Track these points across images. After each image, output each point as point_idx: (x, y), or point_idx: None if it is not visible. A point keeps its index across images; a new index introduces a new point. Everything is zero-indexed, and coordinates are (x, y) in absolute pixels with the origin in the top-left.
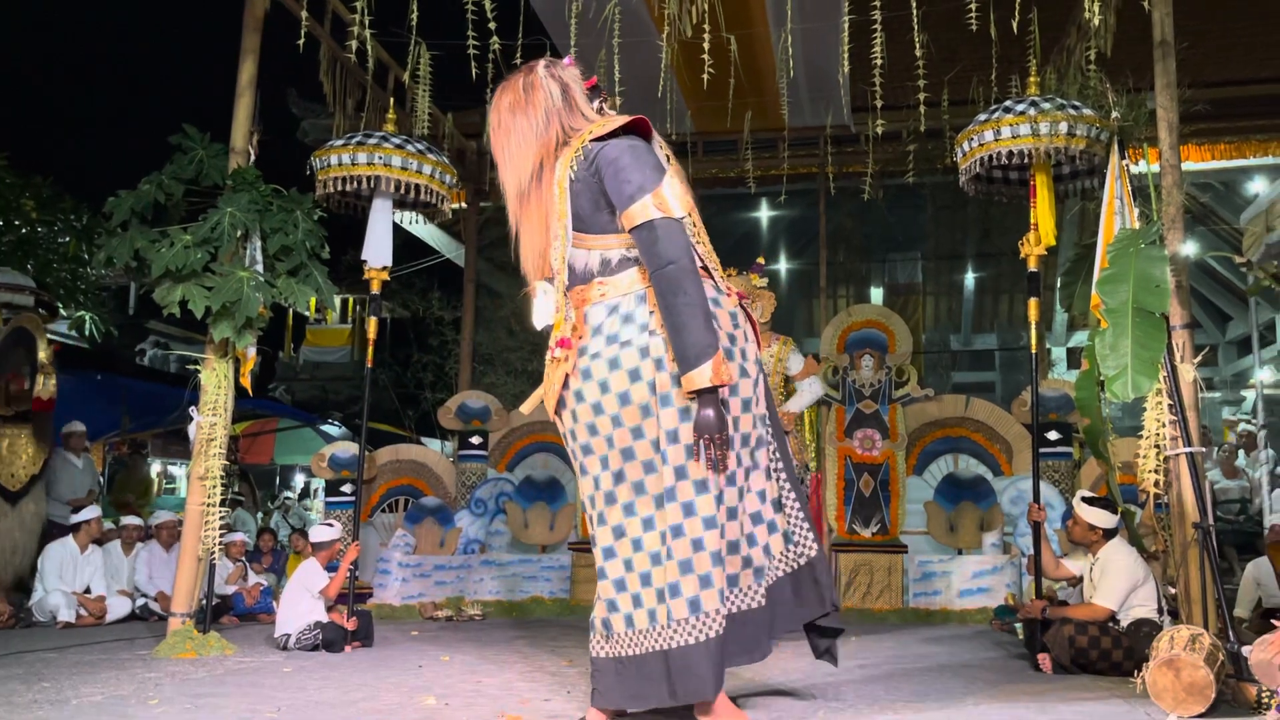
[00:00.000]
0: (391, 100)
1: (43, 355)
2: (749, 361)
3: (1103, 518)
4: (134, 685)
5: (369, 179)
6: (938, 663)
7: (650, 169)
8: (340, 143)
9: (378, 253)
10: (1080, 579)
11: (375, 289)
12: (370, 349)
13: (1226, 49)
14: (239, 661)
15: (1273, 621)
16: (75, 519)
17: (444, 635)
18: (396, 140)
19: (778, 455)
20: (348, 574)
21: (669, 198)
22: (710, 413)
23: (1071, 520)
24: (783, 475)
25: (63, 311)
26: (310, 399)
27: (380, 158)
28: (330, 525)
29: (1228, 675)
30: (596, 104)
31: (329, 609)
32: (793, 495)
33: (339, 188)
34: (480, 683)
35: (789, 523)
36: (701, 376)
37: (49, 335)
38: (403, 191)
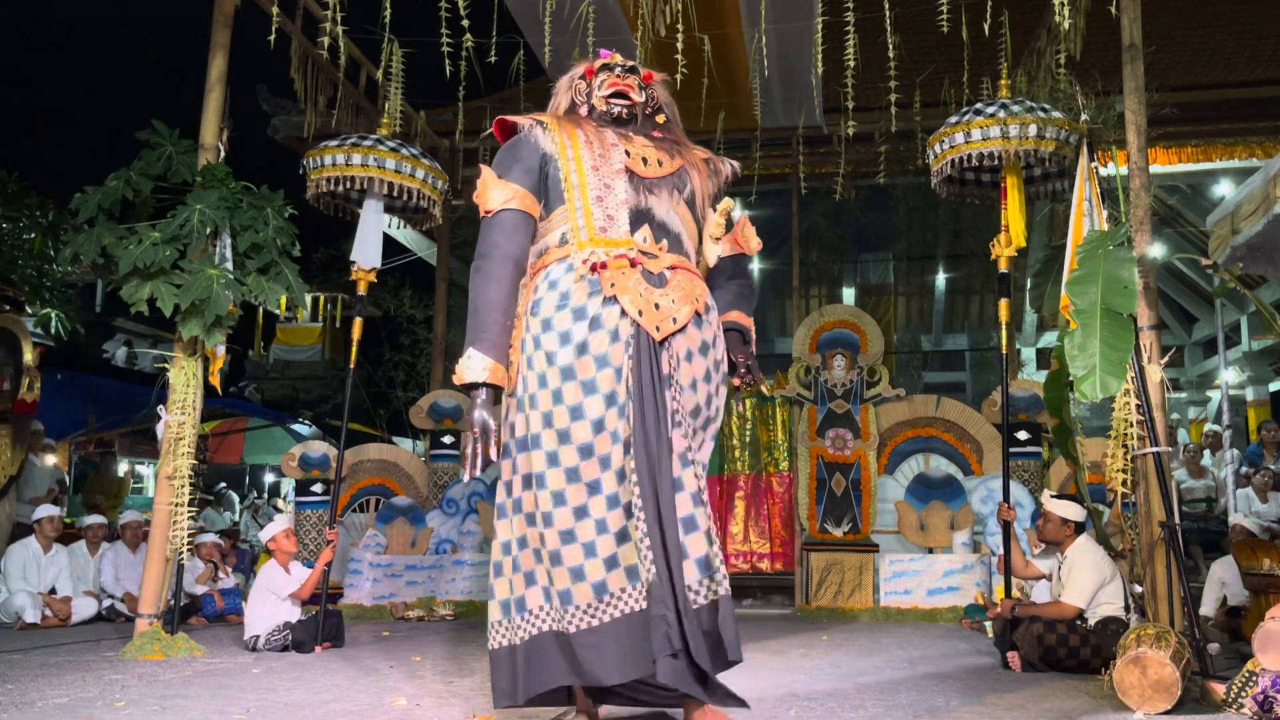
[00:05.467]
0: (394, 106)
1: (28, 357)
2: (584, 356)
3: (1074, 510)
4: (100, 687)
5: (362, 180)
6: (908, 661)
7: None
8: (335, 143)
9: (368, 254)
10: (1045, 577)
11: (362, 290)
12: (354, 349)
13: (1194, 53)
14: (207, 663)
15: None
16: (32, 518)
17: (415, 635)
18: (391, 143)
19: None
20: (322, 573)
21: (482, 200)
22: (474, 412)
23: (1042, 519)
24: (635, 497)
25: (28, 309)
26: (280, 398)
27: (374, 160)
28: (272, 520)
29: (1193, 672)
30: (603, 76)
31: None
32: (642, 519)
33: (329, 188)
34: (452, 683)
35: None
36: (457, 373)
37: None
38: (394, 195)
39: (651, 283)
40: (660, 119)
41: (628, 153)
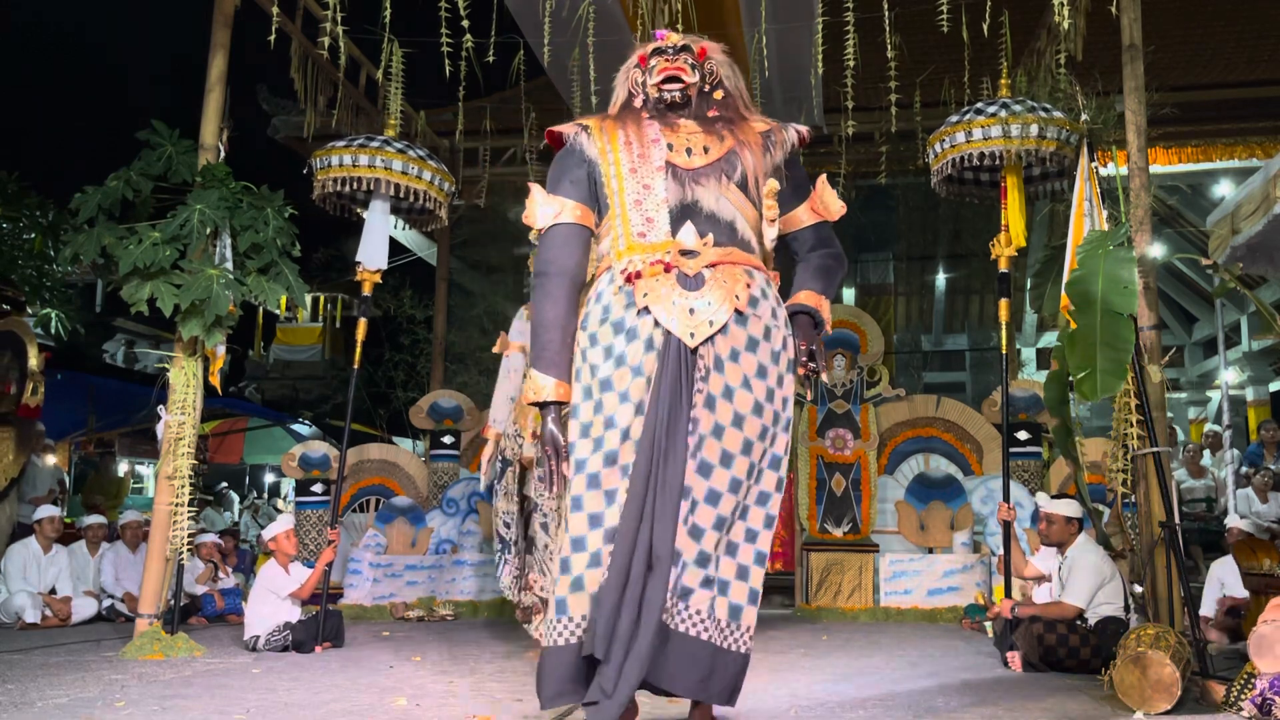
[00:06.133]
0: (387, 104)
1: (34, 363)
2: (622, 367)
3: (1074, 507)
4: (100, 687)
5: (368, 181)
6: (908, 661)
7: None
8: (342, 144)
9: (373, 255)
10: (1045, 578)
11: (367, 290)
12: (359, 350)
13: (1194, 53)
14: (207, 663)
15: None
16: (33, 518)
17: (415, 635)
18: (398, 145)
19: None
20: (322, 573)
21: (530, 219)
22: (544, 429)
23: (1045, 523)
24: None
25: (28, 309)
26: (280, 398)
27: (382, 161)
28: (275, 521)
29: (1193, 672)
30: (655, 61)
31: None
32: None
33: (336, 188)
34: (452, 683)
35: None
36: (524, 393)
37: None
38: (400, 196)
39: (687, 286)
40: (718, 95)
41: (670, 146)
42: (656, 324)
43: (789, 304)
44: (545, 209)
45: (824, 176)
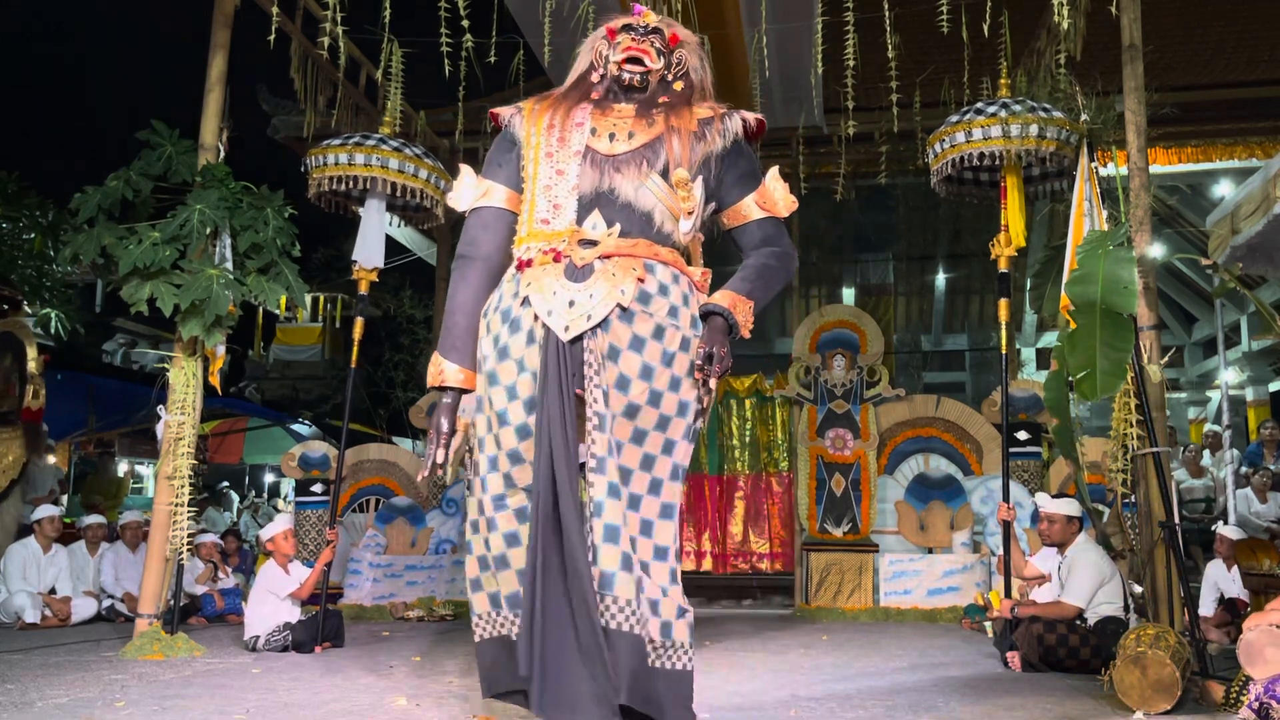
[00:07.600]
0: (387, 104)
1: (33, 366)
2: (506, 360)
3: (1073, 506)
4: (100, 687)
5: (364, 180)
6: (908, 661)
7: None
8: (338, 142)
9: (370, 254)
10: (1045, 578)
11: (363, 289)
12: (355, 349)
13: (1194, 53)
14: (207, 663)
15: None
16: (32, 518)
17: (415, 635)
18: (394, 143)
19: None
20: (322, 573)
21: (455, 200)
22: (435, 411)
23: (1045, 523)
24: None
25: (28, 309)
26: (280, 397)
27: (377, 159)
28: (273, 520)
29: (1193, 673)
30: (622, 38)
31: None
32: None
33: (331, 187)
34: (451, 683)
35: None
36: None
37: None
38: (396, 194)
39: (573, 277)
40: (679, 86)
41: (594, 130)
42: (536, 316)
43: (704, 304)
44: (470, 191)
45: (775, 170)
